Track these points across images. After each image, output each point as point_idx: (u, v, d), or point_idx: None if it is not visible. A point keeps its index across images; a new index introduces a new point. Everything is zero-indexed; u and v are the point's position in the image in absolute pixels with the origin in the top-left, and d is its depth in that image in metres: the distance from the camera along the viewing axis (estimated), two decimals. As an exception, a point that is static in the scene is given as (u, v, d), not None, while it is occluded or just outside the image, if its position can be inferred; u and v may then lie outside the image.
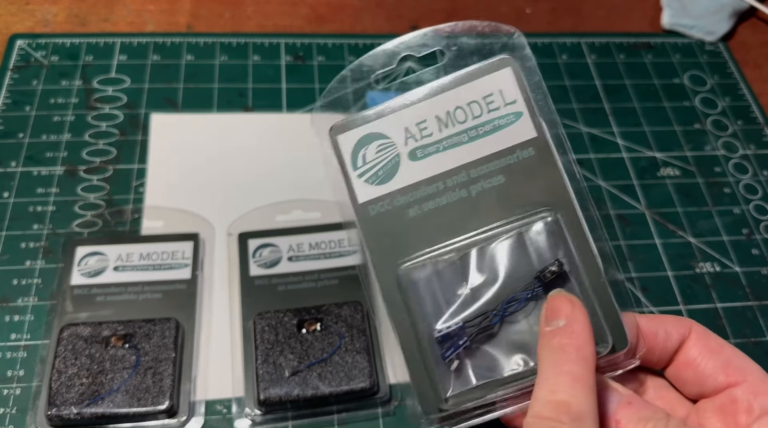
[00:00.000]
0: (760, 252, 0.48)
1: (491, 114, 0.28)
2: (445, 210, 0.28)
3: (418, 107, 0.29)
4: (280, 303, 0.41)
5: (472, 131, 0.28)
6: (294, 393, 0.37)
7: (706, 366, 0.29)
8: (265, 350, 0.38)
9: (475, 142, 0.28)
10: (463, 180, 0.28)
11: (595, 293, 0.27)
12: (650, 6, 0.64)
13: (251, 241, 0.43)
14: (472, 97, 0.28)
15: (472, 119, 0.28)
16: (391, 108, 0.29)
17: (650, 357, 0.30)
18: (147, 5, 0.57)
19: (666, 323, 0.29)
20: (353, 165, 0.29)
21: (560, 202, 0.28)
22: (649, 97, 0.56)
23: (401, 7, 0.61)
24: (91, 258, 0.42)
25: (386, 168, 0.28)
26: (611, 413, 0.26)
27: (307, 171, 0.48)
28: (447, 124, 0.28)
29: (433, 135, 0.28)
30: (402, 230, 0.28)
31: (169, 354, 0.38)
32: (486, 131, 0.28)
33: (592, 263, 0.27)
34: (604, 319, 0.27)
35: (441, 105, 0.29)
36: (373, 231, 0.28)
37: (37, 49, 0.53)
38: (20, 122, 0.49)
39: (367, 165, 0.28)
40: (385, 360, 0.40)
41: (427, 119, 0.28)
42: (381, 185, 0.28)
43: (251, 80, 0.53)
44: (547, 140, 0.28)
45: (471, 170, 0.28)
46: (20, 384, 0.38)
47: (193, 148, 0.49)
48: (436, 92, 0.29)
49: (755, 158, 0.53)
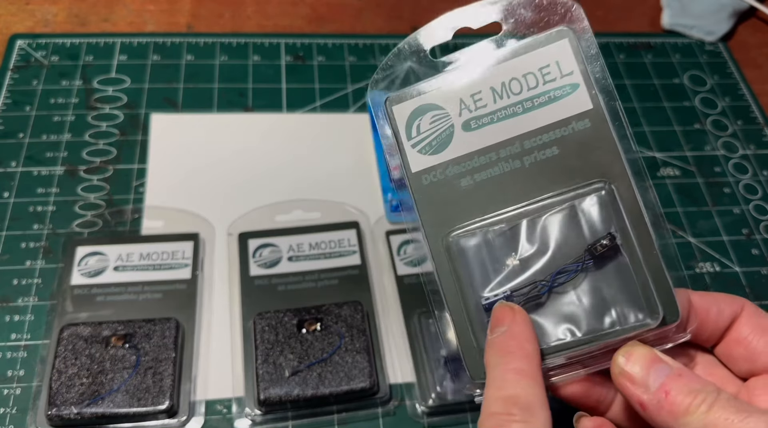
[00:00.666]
0: (760, 252, 0.48)
1: (547, 86, 0.28)
2: (498, 181, 0.28)
3: (473, 78, 0.29)
4: (280, 303, 0.41)
5: (527, 103, 0.28)
6: (294, 393, 0.37)
7: (758, 344, 0.29)
8: (265, 350, 0.38)
9: (529, 113, 0.28)
10: (516, 151, 0.28)
11: (648, 266, 0.27)
12: (650, 6, 0.64)
13: (251, 241, 0.43)
14: (529, 68, 0.28)
15: (528, 91, 0.28)
16: (447, 80, 0.29)
17: (701, 334, 0.30)
18: (147, 5, 0.57)
19: (719, 300, 0.30)
20: (407, 135, 0.29)
21: (615, 174, 0.28)
22: (649, 97, 0.56)
23: (401, 7, 0.61)
24: (91, 258, 0.42)
25: (440, 138, 0.29)
26: (660, 384, 0.26)
27: (307, 171, 0.48)
28: (502, 95, 0.28)
29: (488, 106, 0.28)
30: (454, 199, 0.28)
31: (169, 354, 0.38)
32: (541, 102, 0.28)
33: (645, 235, 0.27)
34: (656, 292, 0.27)
35: (497, 76, 0.29)
36: (426, 200, 0.29)
37: (37, 49, 0.53)
38: (20, 122, 0.49)
39: (421, 135, 0.29)
40: (385, 360, 0.40)
41: (482, 90, 0.29)
42: (434, 155, 0.29)
43: (251, 80, 0.53)
44: (602, 112, 0.28)
45: (525, 142, 0.28)
46: (20, 383, 0.38)
47: (193, 148, 0.49)
48: (493, 63, 0.29)
49: (755, 158, 0.53)
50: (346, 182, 0.48)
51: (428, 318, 0.41)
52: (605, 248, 0.27)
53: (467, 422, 0.39)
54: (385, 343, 0.41)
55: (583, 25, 0.29)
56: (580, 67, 0.28)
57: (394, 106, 0.30)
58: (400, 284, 0.43)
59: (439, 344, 0.39)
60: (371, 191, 0.48)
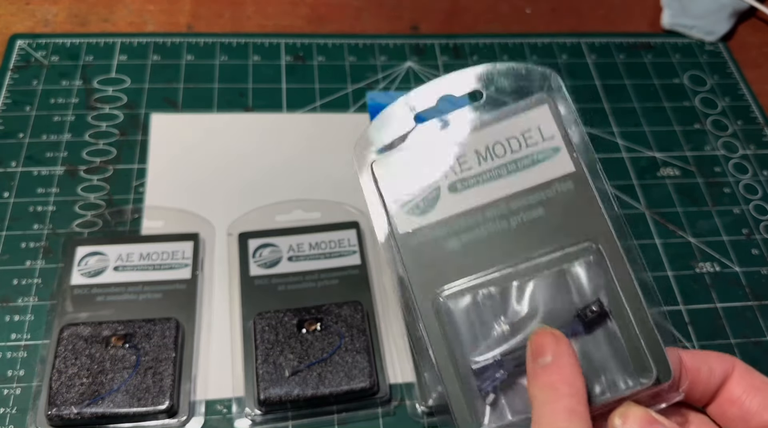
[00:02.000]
0: (760, 252, 0.48)
1: (530, 149, 0.29)
2: (485, 241, 0.29)
3: (458, 141, 0.30)
4: (280, 303, 0.41)
5: (512, 165, 0.29)
6: (294, 392, 0.37)
7: (751, 404, 0.29)
8: (265, 350, 0.38)
9: (514, 175, 0.29)
10: (502, 212, 0.29)
11: (638, 325, 0.27)
12: (650, 6, 0.64)
13: (251, 241, 0.43)
14: (511, 132, 0.30)
15: (511, 154, 0.29)
16: (433, 143, 0.30)
17: (693, 393, 0.30)
18: (147, 5, 0.57)
19: (709, 359, 0.30)
20: (394, 197, 0.30)
21: (600, 234, 0.28)
22: (649, 98, 0.56)
23: (401, 7, 0.61)
24: (91, 258, 0.42)
25: (426, 200, 0.29)
26: None
27: (307, 171, 0.48)
28: (486, 158, 0.29)
29: (473, 169, 0.29)
30: (442, 260, 0.29)
31: (169, 354, 0.38)
32: (525, 164, 0.29)
33: (633, 294, 0.28)
34: (648, 351, 0.27)
35: (481, 140, 0.30)
36: (414, 260, 0.29)
37: (38, 49, 0.53)
38: (20, 122, 0.49)
39: (407, 197, 0.29)
40: (385, 360, 0.40)
41: (467, 154, 0.30)
42: (421, 216, 0.29)
43: (251, 80, 0.53)
44: (584, 173, 0.29)
45: (510, 203, 0.29)
46: (20, 383, 0.38)
47: (193, 148, 0.49)
48: (476, 128, 0.30)
49: (755, 158, 0.53)
50: (345, 182, 0.48)
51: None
52: (594, 313, 0.27)
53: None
54: (385, 343, 0.41)
55: (561, 93, 0.30)
56: (560, 132, 0.29)
57: (380, 169, 0.30)
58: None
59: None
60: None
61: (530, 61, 0.57)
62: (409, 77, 0.55)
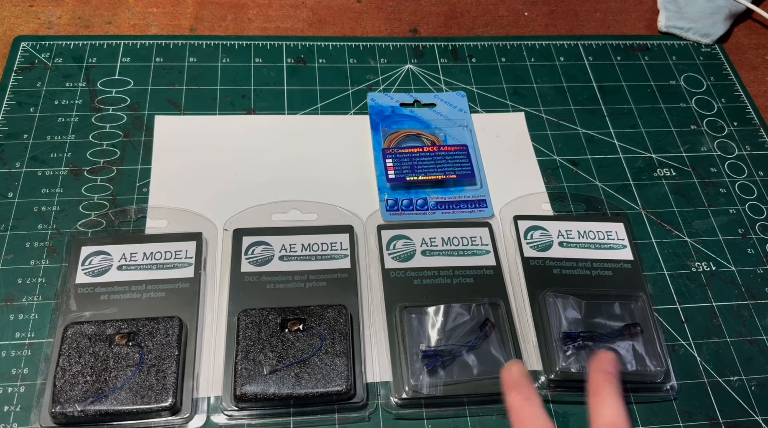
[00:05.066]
0: (756, 252, 0.48)
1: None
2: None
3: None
4: (266, 301, 0.41)
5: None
6: (270, 391, 0.37)
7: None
8: (246, 346, 0.38)
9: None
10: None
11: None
12: (647, 9, 0.64)
13: (245, 238, 0.43)
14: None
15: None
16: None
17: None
18: (150, 8, 0.58)
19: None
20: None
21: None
22: (645, 99, 0.56)
23: (401, 10, 0.61)
24: (95, 258, 0.42)
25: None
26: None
27: (308, 171, 0.49)
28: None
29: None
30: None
31: (172, 352, 0.38)
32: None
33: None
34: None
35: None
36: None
37: (41, 51, 0.54)
38: (25, 123, 0.49)
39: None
40: (365, 364, 0.40)
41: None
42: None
43: (253, 82, 0.54)
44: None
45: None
46: (24, 382, 0.38)
47: (196, 149, 0.49)
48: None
49: (751, 158, 0.54)
50: (345, 181, 0.49)
51: (409, 313, 0.41)
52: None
53: (443, 416, 0.39)
54: (368, 346, 0.41)
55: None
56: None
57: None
58: (386, 277, 0.43)
59: (416, 338, 0.41)
60: (369, 189, 0.48)
61: (528, 63, 0.58)
62: (409, 79, 0.56)
